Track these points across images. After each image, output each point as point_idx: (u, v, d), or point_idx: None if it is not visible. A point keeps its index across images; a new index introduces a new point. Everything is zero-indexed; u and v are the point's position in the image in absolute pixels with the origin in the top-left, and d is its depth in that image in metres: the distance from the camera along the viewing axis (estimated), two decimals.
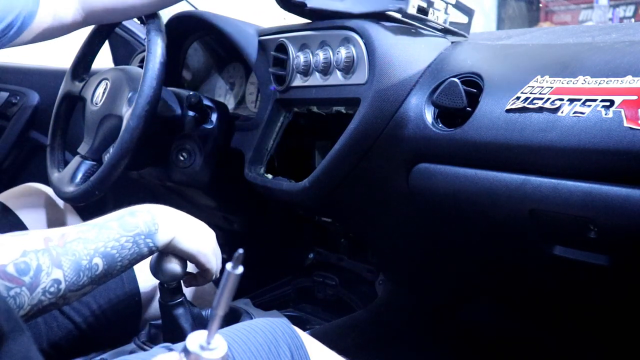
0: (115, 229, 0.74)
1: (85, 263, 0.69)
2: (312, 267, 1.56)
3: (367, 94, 0.97)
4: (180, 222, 0.83)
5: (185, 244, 0.83)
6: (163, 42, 1.12)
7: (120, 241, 0.73)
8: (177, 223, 0.82)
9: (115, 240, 0.73)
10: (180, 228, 0.82)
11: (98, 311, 1.00)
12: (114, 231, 0.73)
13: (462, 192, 0.89)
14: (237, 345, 0.73)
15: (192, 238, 0.83)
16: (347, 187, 1.08)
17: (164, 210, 0.81)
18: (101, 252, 0.71)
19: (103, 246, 0.71)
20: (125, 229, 0.74)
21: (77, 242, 0.69)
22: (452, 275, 1.19)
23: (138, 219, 0.77)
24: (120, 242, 0.73)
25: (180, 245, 0.82)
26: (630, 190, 0.69)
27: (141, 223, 0.77)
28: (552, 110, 0.77)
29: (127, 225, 0.75)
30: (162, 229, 0.79)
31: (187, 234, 0.83)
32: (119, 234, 0.73)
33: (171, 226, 0.81)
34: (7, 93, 1.87)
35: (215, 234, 0.89)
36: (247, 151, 1.22)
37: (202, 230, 0.86)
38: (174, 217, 0.82)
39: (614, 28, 1.09)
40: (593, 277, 0.87)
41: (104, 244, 0.72)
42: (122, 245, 0.73)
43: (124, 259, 0.74)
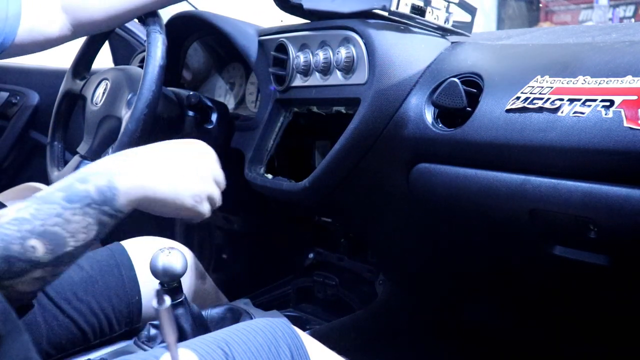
0: (58, 201, 0.64)
1: (16, 247, 0.61)
2: (312, 267, 1.56)
3: (367, 94, 0.97)
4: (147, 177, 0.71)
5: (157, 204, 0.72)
6: (163, 44, 1.12)
7: (63, 216, 0.64)
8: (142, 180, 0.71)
9: (57, 216, 0.64)
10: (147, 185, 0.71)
11: (98, 311, 1.00)
12: (56, 205, 0.64)
13: (462, 192, 0.89)
14: (237, 345, 0.73)
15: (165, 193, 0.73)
16: (347, 187, 1.08)
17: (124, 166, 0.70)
18: (38, 232, 0.62)
19: (41, 225, 0.63)
20: (71, 200, 0.65)
21: (11, 224, 0.61)
22: (452, 275, 1.19)
23: (89, 186, 0.66)
24: (63, 216, 0.64)
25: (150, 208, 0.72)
26: (630, 190, 0.69)
27: (92, 190, 0.66)
28: (552, 110, 0.77)
29: (73, 196, 0.65)
30: (122, 193, 0.68)
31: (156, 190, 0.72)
32: (63, 208, 0.64)
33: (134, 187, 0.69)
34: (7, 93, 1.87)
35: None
36: (247, 151, 1.22)
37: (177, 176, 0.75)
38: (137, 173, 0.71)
39: (614, 28, 1.09)
40: (593, 277, 0.87)
41: (43, 222, 0.63)
42: (68, 219, 0.64)
43: (76, 233, 0.65)
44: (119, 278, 1.04)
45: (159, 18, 1.16)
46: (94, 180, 0.67)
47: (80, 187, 0.66)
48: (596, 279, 0.88)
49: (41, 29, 1.12)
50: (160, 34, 1.13)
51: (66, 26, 1.14)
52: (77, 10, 1.14)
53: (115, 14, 1.14)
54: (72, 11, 1.14)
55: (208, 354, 0.70)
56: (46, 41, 1.14)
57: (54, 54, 1.23)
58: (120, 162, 0.71)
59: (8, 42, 1.07)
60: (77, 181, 0.66)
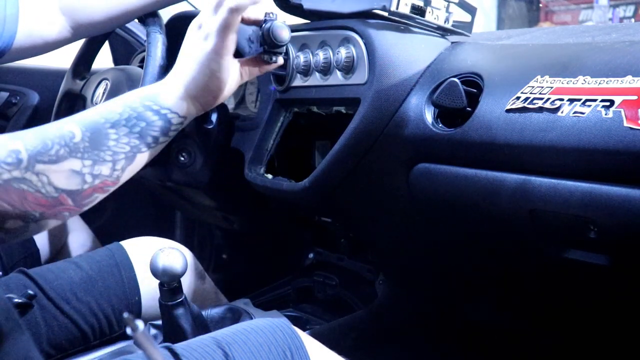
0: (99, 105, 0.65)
1: (53, 130, 0.59)
2: (312, 267, 1.56)
3: (367, 94, 0.97)
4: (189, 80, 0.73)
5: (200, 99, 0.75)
6: (163, 44, 1.12)
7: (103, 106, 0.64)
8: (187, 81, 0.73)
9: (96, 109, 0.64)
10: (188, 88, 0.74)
11: (98, 311, 1.00)
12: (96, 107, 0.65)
13: (462, 192, 0.89)
14: (237, 345, 0.73)
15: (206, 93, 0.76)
16: (347, 187, 1.08)
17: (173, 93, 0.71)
18: (76, 119, 0.61)
19: (80, 115, 0.62)
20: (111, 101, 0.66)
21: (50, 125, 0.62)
22: (452, 275, 1.19)
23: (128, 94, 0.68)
24: (103, 107, 0.64)
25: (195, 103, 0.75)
26: (630, 190, 0.69)
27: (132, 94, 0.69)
28: (552, 110, 0.77)
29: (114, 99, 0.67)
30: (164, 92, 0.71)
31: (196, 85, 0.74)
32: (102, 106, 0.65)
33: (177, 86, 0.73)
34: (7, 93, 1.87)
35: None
36: (247, 151, 1.22)
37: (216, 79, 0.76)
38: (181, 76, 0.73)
39: (614, 28, 1.09)
40: (593, 277, 0.87)
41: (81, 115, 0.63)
42: (107, 109, 0.63)
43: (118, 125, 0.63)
44: (119, 278, 1.04)
45: (158, 18, 1.16)
46: None
47: None
48: (596, 279, 0.88)
49: (40, 32, 1.11)
50: (160, 34, 1.13)
51: (65, 28, 1.14)
52: (76, 12, 1.14)
53: (115, 15, 1.14)
54: (71, 13, 1.13)
55: (208, 354, 0.70)
56: (45, 44, 1.13)
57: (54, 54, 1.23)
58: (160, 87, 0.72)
59: (7, 47, 1.07)
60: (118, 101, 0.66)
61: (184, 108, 0.72)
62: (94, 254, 1.08)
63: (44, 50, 1.15)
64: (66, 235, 1.40)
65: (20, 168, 0.56)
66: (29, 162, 0.56)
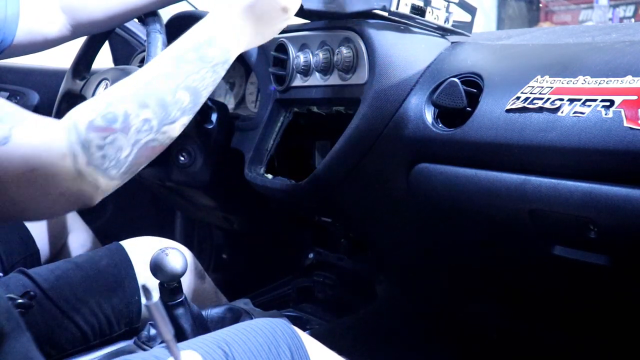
0: (194, 62, 0.75)
1: (170, 99, 0.72)
2: (312, 267, 1.56)
3: (367, 94, 0.97)
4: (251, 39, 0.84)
5: None
6: (163, 44, 1.12)
7: (200, 73, 0.75)
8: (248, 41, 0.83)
9: (195, 73, 0.75)
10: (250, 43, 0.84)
11: (98, 311, 1.00)
12: (193, 65, 0.75)
13: (462, 192, 0.89)
14: (237, 345, 0.73)
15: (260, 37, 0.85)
16: (347, 187, 1.08)
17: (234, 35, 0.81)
18: (183, 86, 0.73)
19: (184, 81, 0.74)
20: (203, 60, 0.76)
21: (158, 80, 0.72)
22: (452, 275, 1.19)
23: (215, 51, 0.77)
24: (200, 74, 0.75)
25: None
26: (630, 190, 0.69)
27: (218, 54, 0.78)
28: (552, 110, 0.77)
29: (205, 57, 0.76)
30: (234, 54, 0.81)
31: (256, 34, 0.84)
32: (198, 67, 0.75)
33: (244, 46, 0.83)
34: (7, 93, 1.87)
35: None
36: (247, 151, 1.22)
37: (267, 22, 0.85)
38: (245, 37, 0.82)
39: (614, 28, 1.09)
40: (593, 277, 0.87)
41: (185, 78, 0.74)
42: (203, 76, 0.76)
43: (206, 87, 0.77)
44: (119, 278, 1.04)
45: (158, 18, 1.16)
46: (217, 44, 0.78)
47: (209, 50, 0.77)
48: (596, 279, 0.88)
49: (40, 30, 1.11)
50: (160, 34, 1.13)
51: (65, 26, 1.14)
52: (76, 11, 1.14)
53: (115, 14, 1.14)
54: (71, 11, 1.13)
55: (208, 354, 0.70)
56: (45, 42, 1.14)
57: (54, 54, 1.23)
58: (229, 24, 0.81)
59: (7, 43, 1.07)
60: (206, 44, 0.77)
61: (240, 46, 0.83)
62: (94, 254, 1.08)
63: (43, 47, 1.15)
64: (66, 235, 1.40)
65: (154, 132, 0.71)
66: (159, 127, 0.71)
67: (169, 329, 0.48)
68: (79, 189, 0.65)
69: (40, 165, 0.63)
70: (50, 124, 0.66)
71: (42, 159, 0.63)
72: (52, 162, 0.63)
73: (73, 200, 0.66)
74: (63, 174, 0.64)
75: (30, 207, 0.65)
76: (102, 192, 0.68)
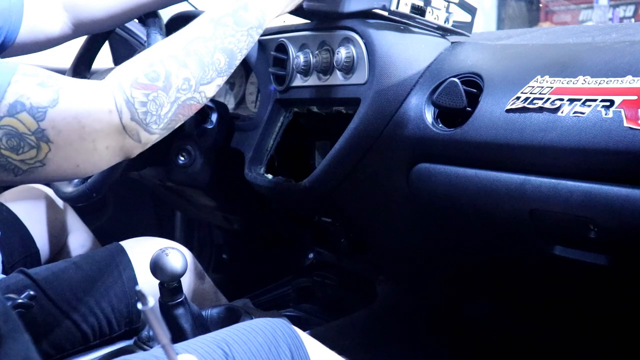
0: (230, 25, 0.80)
1: (208, 59, 0.77)
2: (312, 267, 1.56)
3: (367, 94, 0.97)
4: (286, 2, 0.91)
5: None
6: None
7: (236, 36, 0.80)
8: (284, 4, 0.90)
9: (231, 36, 0.80)
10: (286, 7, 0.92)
11: (98, 311, 1.00)
12: (229, 28, 0.80)
13: (462, 192, 0.89)
14: (237, 345, 0.73)
15: None
16: (347, 187, 1.08)
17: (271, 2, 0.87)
18: (220, 47, 0.78)
19: (221, 43, 0.79)
20: (239, 24, 0.81)
21: (197, 42, 0.77)
22: (452, 275, 1.19)
23: (250, 15, 0.82)
24: (236, 36, 0.80)
25: None
26: (630, 190, 0.69)
27: (253, 19, 0.82)
28: (552, 110, 0.77)
29: (241, 21, 0.81)
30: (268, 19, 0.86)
31: None
32: (234, 30, 0.80)
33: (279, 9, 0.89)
34: None
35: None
36: (247, 151, 1.22)
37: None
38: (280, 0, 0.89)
39: (614, 28, 1.09)
40: (593, 277, 0.87)
41: (222, 40, 0.79)
42: (238, 39, 0.81)
43: (241, 50, 0.81)
44: (119, 278, 1.04)
45: (159, 18, 1.16)
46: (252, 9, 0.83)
47: (244, 15, 0.82)
48: (596, 279, 0.88)
49: (43, 28, 1.12)
50: (160, 34, 1.13)
51: (67, 25, 1.14)
52: (78, 9, 1.14)
53: (116, 13, 1.14)
54: (73, 10, 1.14)
55: (208, 354, 0.70)
56: (47, 40, 1.14)
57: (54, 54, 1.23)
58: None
59: (10, 41, 1.07)
60: (241, 9, 0.82)
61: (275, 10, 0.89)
62: (94, 254, 1.08)
63: (45, 46, 1.16)
64: (66, 236, 1.40)
65: (191, 91, 0.76)
66: (196, 87, 0.76)
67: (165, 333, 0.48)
68: (123, 142, 0.71)
69: (90, 121, 0.68)
70: (95, 84, 0.71)
71: (90, 115, 0.68)
72: (99, 118, 0.69)
73: (117, 153, 0.72)
74: (109, 128, 0.69)
75: (81, 162, 0.70)
76: (142, 145, 0.74)
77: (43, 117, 0.66)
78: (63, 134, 0.67)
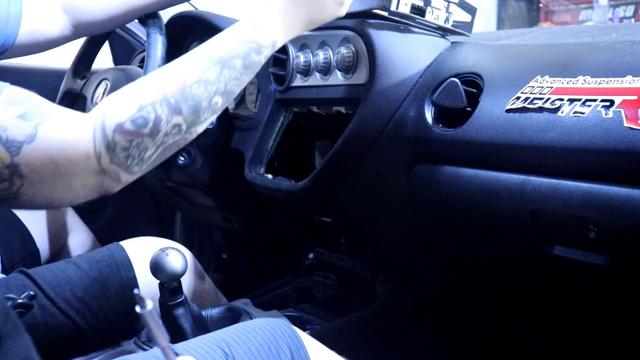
0: (238, 68, 0.74)
1: (205, 104, 0.71)
2: (312, 267, 1.56)
3: (367, 94, 0.97)
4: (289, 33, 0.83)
5: None
6: (163, 45, 1.12)
7: (241, 79, 0.75)
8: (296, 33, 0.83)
9: (236, 79, 0.74)
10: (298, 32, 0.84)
11: (98, 311, 1.00)
12: (236, 72, 0.74)
13: (462, 192, 0.89)
14: (237, 345, 0.73)
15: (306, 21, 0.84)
16: (347, 187, 1.08)
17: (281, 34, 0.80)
18: (222, 92, 0.73)
19: (224, 87, 0.73)
20: (248, 67, 0.75)
21: (198, 86, 0.70)
22: (452, 275, 1.19)
23: (261, 57, 0.77)
24: (241, 79, 0.75)
25: None
26: (630, 190, 0.69)
27: (262, 59, 0.78)
28: (552, 110, 0.77)
29: (251, 64, 0.75)
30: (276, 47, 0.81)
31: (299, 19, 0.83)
32: (240, 74, 0.74)
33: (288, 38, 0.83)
34: None
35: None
36: (247, 151, 1.22)
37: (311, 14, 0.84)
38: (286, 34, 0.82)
39: (614, 28, 1.09)
40: (593, 277, 0.87)
41: (225, 84, 0.73)
42: (242, 80, 0.75)
43: (241, 86, 0.76)
44: (119, 278, 1.04)
45: (159, 19, 1.16)
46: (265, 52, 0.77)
47: (255, 58, 0.76)
48: (596, 279, 0.88)
49: (42, 30, 1.11)
50: (160, 34, 1.13)
51: (67, 27, 1.14)
52: (78, 11, 1.14)
53: (116, 15, 1.14)
54: (73, 11, 1.13)
55: (208, 354, 0.70)
56: (47, 42, 1.14)
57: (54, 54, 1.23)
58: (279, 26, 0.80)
59: (9, 43, 1.07)
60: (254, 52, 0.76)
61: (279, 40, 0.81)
62: (94, 254, 1.08)
63: (44, 47, 1.15)
64: (66, 236, 1.40)
65: (180, 134, 0.70)
66: (187, 130, 0.71)
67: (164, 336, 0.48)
68: (101, 181, 0.67)
69: (65, 162, 0.63)
70: (77, 119, 0.66)
71: (67, 157, 0.63)
72: (76, 161, 0.64)
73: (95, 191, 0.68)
74: (86, 170, 0.65)
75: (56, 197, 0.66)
76: (123, 183, 0.70)
77: (17, 152, 0.62)
78: (37, 172, 0.63)
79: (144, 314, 0.46)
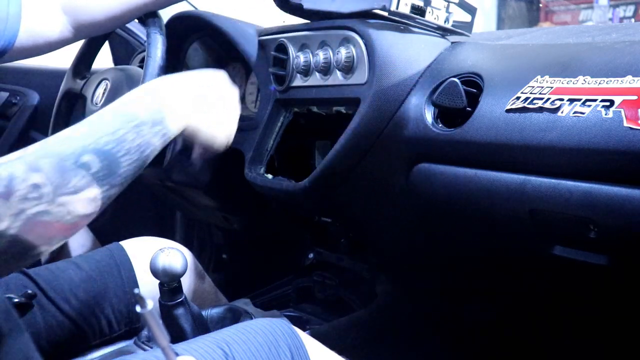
0: (110, 121, 0.65)
1: (70, 163, 0.60)
2: (312, 267, 1.56)
3: (367, 94, 0.97)
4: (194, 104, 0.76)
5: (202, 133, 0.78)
6: (163, 44, 1.12)
7: (116, 135, 0.65)
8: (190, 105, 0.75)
9: (110, 134, 0.64)
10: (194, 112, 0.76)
11: (98, 311, 1.00)
12: (107, 125, 0.65)
13: (462, 192, 0.89)
14: (237, 345, 0.73)
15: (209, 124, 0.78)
16: (347, 187, 1.08)
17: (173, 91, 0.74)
18: (91, 149, 0.62)
19: (93, 143, 0.63)
20: (122, 120, 0.66)
21: (61, 143, 0.62)
22: (452, 275, 1.19)
23: (138, 107, 0.68)
24: (116, 135, 0.65)
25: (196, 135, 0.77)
26: (630, 190, 0.69)
27: (142, 111, 0.68)
28: (552, 110, 0.77)
29: (124, 116, 0.67)
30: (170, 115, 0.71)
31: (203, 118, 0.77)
32: (113, 128, 0.65)
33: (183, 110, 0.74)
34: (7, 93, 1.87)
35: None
36: (247, 151, 1.22)
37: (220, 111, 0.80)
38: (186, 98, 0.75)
39: (614, 28, 1.09)
40: (593, 277, 0.87)
41: (94, 140, 0.63)
42: (120, 138, 0.65)
43: (129, 152, 0.66)
44: (119, 278, 1.04)
45: (159, 19, 1.16)
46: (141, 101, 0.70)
47: (129, 108, 0.68)
48: (596, 279, 0.88)
49: (42, 32, 1.11)
50: (160, 34, 1.13)
51: (67, 28, 1.14)
52: (78, 12, 1.14)
53: (116, 15, 1.14)
54: (73, 13, 1.13)
55: (208, 354, 0.70)
56: (47, 44, 1.13)
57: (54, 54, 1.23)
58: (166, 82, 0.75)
59: (9, 46, 1.07)
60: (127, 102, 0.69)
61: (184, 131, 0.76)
62: (94, 254, 1.08)
63: (45, 50, 1.15)
64: None
65: (46, 202, 0.58)
66: (54, 197, 0.59)
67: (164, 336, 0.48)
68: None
69: None
70: None
71: None
72: None
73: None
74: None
75: None
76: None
77: None
78: None
79: (144, 313, 0.46)
